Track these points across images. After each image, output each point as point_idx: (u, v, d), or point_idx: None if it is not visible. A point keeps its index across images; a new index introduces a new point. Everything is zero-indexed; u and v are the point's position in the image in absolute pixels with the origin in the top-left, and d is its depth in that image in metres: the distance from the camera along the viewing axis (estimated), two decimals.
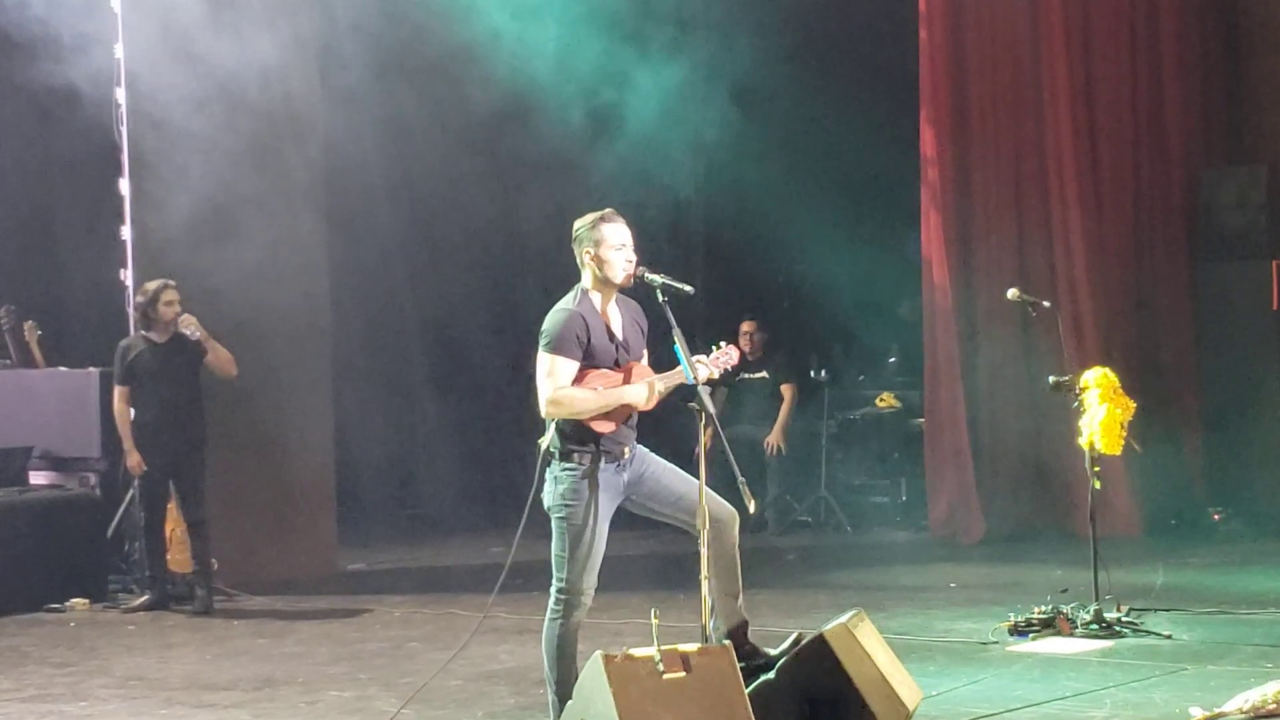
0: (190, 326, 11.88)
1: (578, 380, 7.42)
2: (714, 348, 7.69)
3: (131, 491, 12.53)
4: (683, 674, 6.79)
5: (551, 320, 7.49)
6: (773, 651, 7.51)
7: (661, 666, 6.76)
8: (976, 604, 11.29)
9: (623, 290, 7.60)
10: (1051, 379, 10.51)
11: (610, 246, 7.50)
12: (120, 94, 12.66)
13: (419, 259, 16.30)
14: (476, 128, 15.52)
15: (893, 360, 16.26)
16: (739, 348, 8.49)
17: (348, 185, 14.88)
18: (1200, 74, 15.40)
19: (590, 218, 7.57)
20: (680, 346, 7.38)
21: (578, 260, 7.60)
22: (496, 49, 14.00)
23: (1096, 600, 10.11)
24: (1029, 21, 14.63)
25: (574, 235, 7.59)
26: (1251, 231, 14.71)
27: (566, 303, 7.54)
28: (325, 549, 13.81)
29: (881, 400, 15.78)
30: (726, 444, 7.52)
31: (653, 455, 7.61)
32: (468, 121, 15.43)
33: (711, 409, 7.32)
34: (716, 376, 7.63)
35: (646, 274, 7.52)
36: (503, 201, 16.42)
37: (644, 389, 7.46)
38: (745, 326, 15.06)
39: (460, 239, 16.15)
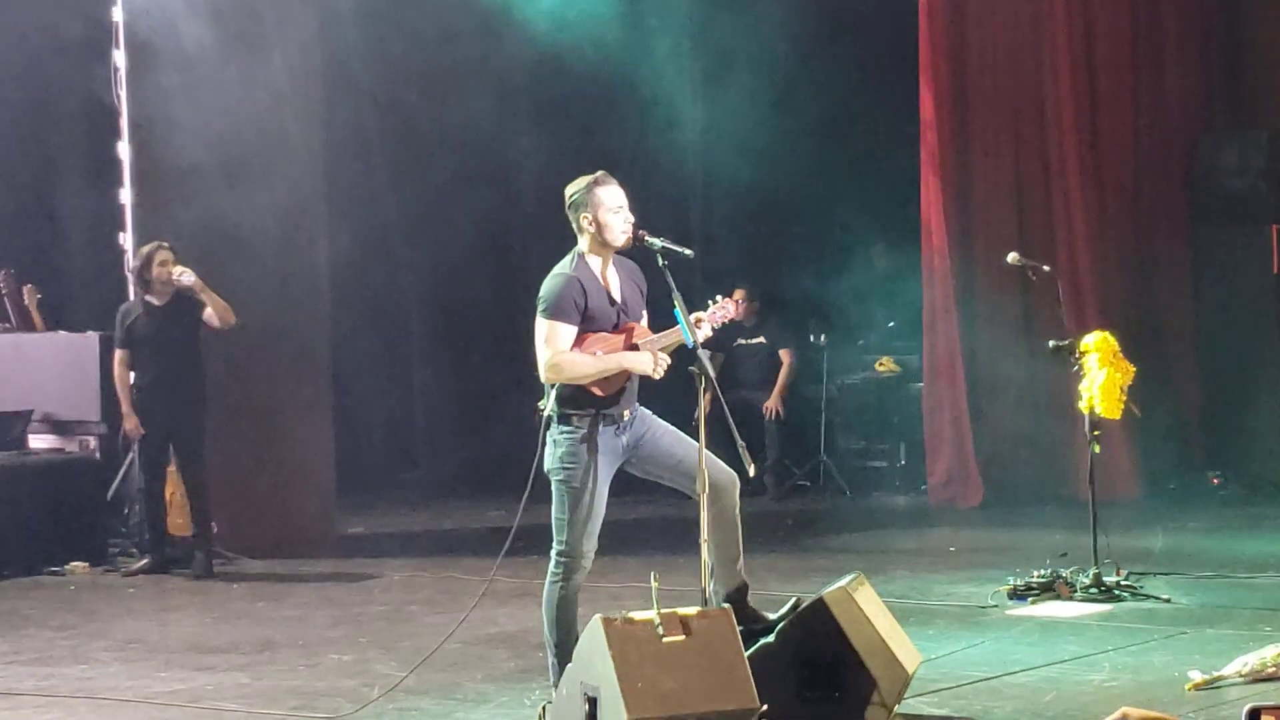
0: (186, 276, 11.82)
1: (577, 343, 7.40)
2: (710, 303, 7.69)
3: (131, 455, 12.53)
4: (682, 637, 6.79)
5: (549, 285, 7.46)
6: (772, 615, 7.51)
7: (661, 630, 6.77)
8: (975, 568, 11.31)
9: (620, 251, 7.58)
10: (1051, 343, 10.51)
11: (609, 210, 7.47)
12: (119, 56, 12.64)
13: (418, 225, 16.29)
14: (474, 87, 15.49)
15: (891, 324, 16.24)
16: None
17: (346, 149, 14.86)
18: (1201, 37, 15.37)
19: (583, 183, 7.52)
20: (680, 310, 7.37)
21: (574, 226, 7.56)
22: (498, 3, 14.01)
23: (1095, 564, 10.13)
24: None
25: (569, 201, 7.54)
26: (1252, 196, 14.69)
27: (563, 267, 7.51)
28: (325, 512, 13.82)
29: (880, 364, 15.77)
30: (726, 408, 7.51)
31: (654, 417, 7.60)
32: (465, 81, 15.41)
33: (711, 372, 7.31)
34: (711, 334, 7.61)
35: (647, 237, 7.50)
36: (501, 167, 16.40)
37: (646, 358, 7.43)
38: (737, 294, 14.97)
39: (459, 203, 16.13)
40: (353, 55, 15.00)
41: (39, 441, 12.95)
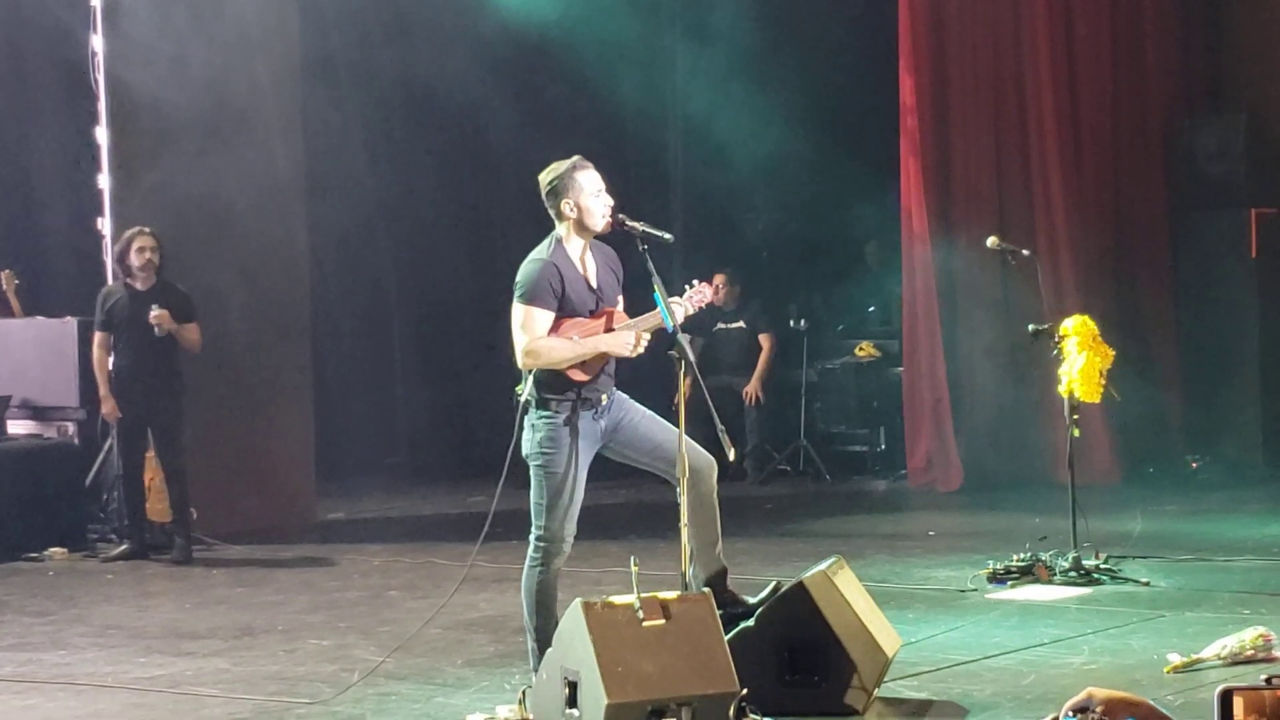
0: (161, 322, 11.81)
1: (555, 329, 7.38)
2: (687, 287, 7.68)
3: (110, 440, 12.51)
4: (662, 621, 6.79)
5: (525, 271, 7.43)
6: (752, 599, 7.50)
7: (641, 614, 6.76)
8: (955, 552, 11.32)
9: (598, 236, 7.56)
10: (1031, 327, 10.52)
11: (589, 194, 7.44)
12: (97, 41, 12.60)
13: (397, 209, 16.26)
14: (454, 78, 15.45)
15: (872, 309, 16.26)
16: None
17: (324, 134, 14.82)
18: (1180, 22, 15.40)
19: (561, 169, 7.46)
20: (660, 294, 7.36)
21: (553, 213, 7.51)
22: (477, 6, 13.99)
23: (1075, 547, 10.15)
24: None
25: (548, 188, 7.48)
26: (1230, 180, 14.72)
27: (540, 252, 7.47)
28: (304, 498, 13.81)
29: (860, 349, 15.78)
30: (706, 392, 7.50)
31: (631, 402, 7.58)
32: (446, 71, 15.37)
33: (691, 356, 7.29)
34: (692, 313, 7.61)
35: (627, 221, 7.48)
36: (482, 151, 16.37)
37: (624, 337, 7.41)
38: (717, 279, 15.02)
39: (439, 188, 16.11)
40: (332, 40, 14.97)
41: (17, 427, 12.93)
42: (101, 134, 12.68)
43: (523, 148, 14.94)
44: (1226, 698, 3.35)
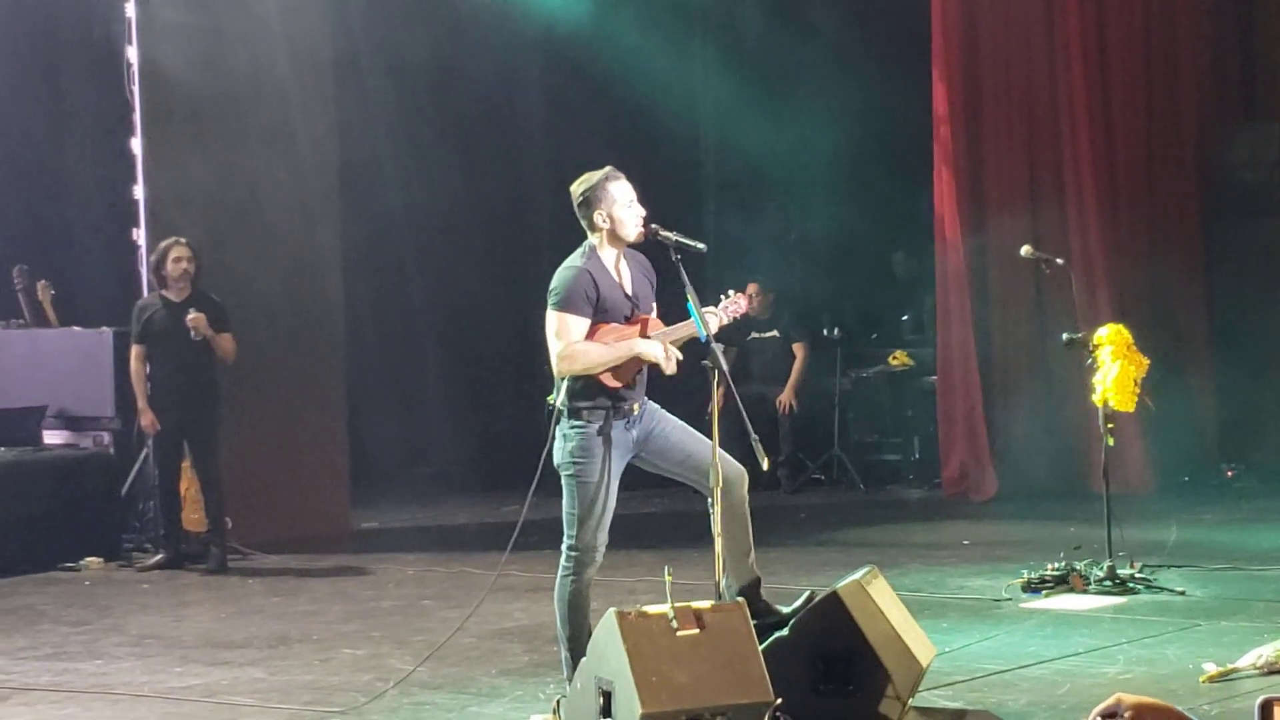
0: (198, 325, 11.86)
1: (591, 335, 7.37)
2: (722, 297, 7.68)
3: (145, 450, 12.56)
4: (696, 631, 6.79)
5: (560, 278, 7.44)
6: (786, 609, 7.50)
7: (675, 623, 6.76)
8: (989, 561, 11.30)
9: (631, 245, 7.57)
10: (1065, 336, 10.49)
11: (621, 205, 7.45)
12: (132, 52, 12.66)
13: (428, 220, 16.29)
14: (483, 83, 15.49)
15: (905, 318, 16.24)
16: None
17: (356, 146, 14.86)
18: (1213, 29, 15.35)
19: (593, 180, 7.47)
20: (694, 304, 7.36)
21: (586, 224, 7.50)
22: (506, 7, 14.01)
23: (1110, 557, 10.12)
24: None
25: (581, 199, 7.47)
26: (1264, 188, 14.67)
27: (574, 260, 7.48)
28: (338, 508, 13.84)
29: (894, 358, 15.75)
30: (740, 402, 7.50)
31: (663, 412, 7.58)
32: (475, 77, 15.40)
33: (724, 366, 7.29)
34: (727, 323, 7.62)
35: (660, 231, 7.48)
36: (511, 159, 16.40)
37: (657, 345, 7.41)
38: (750, 288, 14.99)
39: (468, 198, 16.14)
40: (360, 48, 15.03)
41: (53, 437, 12.98)
42: (137, 145, 12.73)
43: (555, 154, 14.99)
44: (1267, 708, 3.34)
